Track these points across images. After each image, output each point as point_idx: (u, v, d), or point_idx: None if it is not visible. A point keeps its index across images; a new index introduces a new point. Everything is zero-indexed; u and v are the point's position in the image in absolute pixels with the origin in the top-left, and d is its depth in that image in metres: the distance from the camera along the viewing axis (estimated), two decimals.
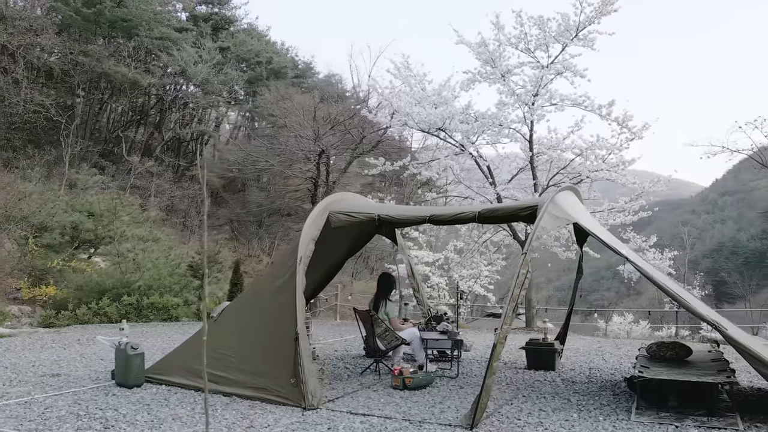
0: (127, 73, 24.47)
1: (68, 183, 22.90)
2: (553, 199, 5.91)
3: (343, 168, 17.29)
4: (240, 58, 28.94)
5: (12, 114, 24.47)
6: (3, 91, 23.87)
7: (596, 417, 5.31)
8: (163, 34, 25.52)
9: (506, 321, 5.22)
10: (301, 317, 6.02)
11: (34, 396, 6.17)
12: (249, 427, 5.09)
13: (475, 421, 5.02)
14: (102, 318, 14.03)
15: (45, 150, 24.77)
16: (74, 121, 24.81)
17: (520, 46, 11.52)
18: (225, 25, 30.25)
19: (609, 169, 11.52)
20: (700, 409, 5.25)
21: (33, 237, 18.02)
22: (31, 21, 24.12)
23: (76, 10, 24.99)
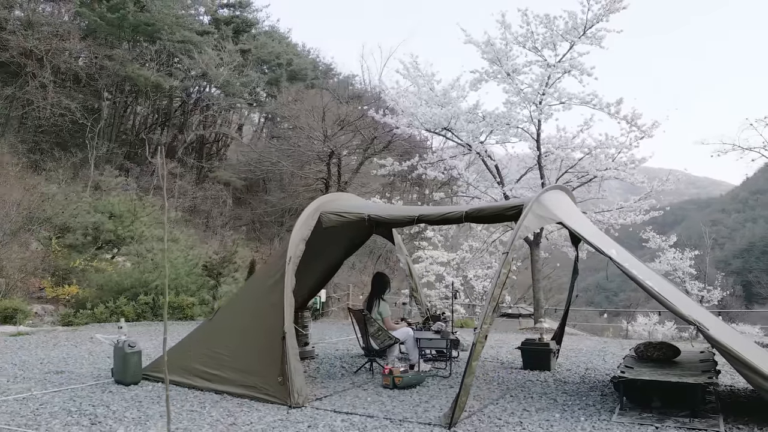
0: (150, 77, 24.91)
1: (93, 185, 23.41)
2: (538, 198, 5.90)
3: (355, 168, 17.39)
4: (261, 61, 29.27)
5: (39, 117, 25.10)
6: (30, 95, 24.51)
7: (578, 417, 5.29)
8: (185, 37, 25.92)
9: (485, 320, 5.22)
10: (289, 316, 6.09)
11: (33, 392, 6.35)
12: (232, 424, 5.18)
13: (453, 420, 5.04)
14: (119, 317, 14.30)
15: (71, 153, 25.35)
16: (99, 124, 25.33)
17: (527, 45, 11.45)
18: (246, 28, 30.61)
19: (617, 168, 11.39)
20: (683, 410, 5.20)
21: (56, 237, 18.48)
22: (57, 26, 24.70)
23: (101, 15, 25.51)
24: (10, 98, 24.75)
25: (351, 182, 16.79)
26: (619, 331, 21.19)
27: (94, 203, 19.86)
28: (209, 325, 7.17)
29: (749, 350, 5.50)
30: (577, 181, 11.77)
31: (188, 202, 26.52)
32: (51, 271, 18.15)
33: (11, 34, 23.72)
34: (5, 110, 24.85)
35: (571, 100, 11.41)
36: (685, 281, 20.80)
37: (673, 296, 5.84)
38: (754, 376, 4.75)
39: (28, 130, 26.10)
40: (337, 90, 20.67)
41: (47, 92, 24.23)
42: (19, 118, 25.71)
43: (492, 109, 11.71)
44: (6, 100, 24.72)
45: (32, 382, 6.95)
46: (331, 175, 15.98)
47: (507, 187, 11.78)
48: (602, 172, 11.29)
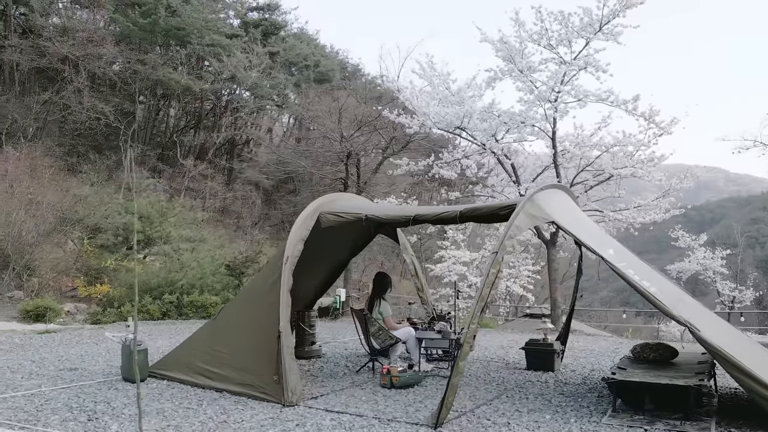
0: (180, 80, 25.38)
1: (126, 186, 23.97)
2: (531, 197, 5.86)
3: (374, 169, 17.44)
4: (289, 63, 29.55)
5: (75, 121, 25.83)
6: (66, 99, 25.25)
7: (568, 419, 5.24)
8: (214, 40, 26.34)
9: (473, 320, 5.21)
10: (285, 315, 6.17)
11: (43, 389, 6.55)
12: (223, 422, 5.28)
13: (440, 420, 5.05)
14: (144, 315, 14.64)
15: (105, 155, 26.01)
16: (132, 127, 25.93)
17: (542, 42, 11.34)
18: (274, 31, 30.93)
19: (634, 166, 11.19)
20: (677, 412, 5.11)
21: (87, 238, 18.99)
22: (92, 32, 25.37)
23: (134, 21, 26.10)
24: (47, 103, 25.53)
25: (370, 182, 16.84)
26: (651, 332, 20.82)
27: (125, 204, 20.33)
28: (213, 324, 7.30)
29: (748, 353, 5.37)
30: (593, 180, 11.60)
31: (218, 203, 26.95)
32: (84, 270, 18.67)
33: (47, 40, 24.46)
34: (43, 114, 25.64)
35: (587, 98, 11.26)
36: (716, 281, 20.40)
37: (671, 296, 5.73)
38: (744, 379, 4.64)
39: (66, 134, 26.87)
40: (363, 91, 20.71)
41: (82, 97, 24.91)
42: (57, 122, 26.48)
43: (506, 108, 11.61)
44: (44, 104, 25.51)
45: (45, 378, 7.17)
46: (349, 175, 16.07)
47: (522, 186, 11.68)
48: (618, 171, 11.09)
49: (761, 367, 5.00)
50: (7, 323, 13.58)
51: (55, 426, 5.11)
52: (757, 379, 4.59)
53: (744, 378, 4.64)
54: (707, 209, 72.36)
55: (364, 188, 15.63)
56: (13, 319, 14.23)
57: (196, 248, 19.01)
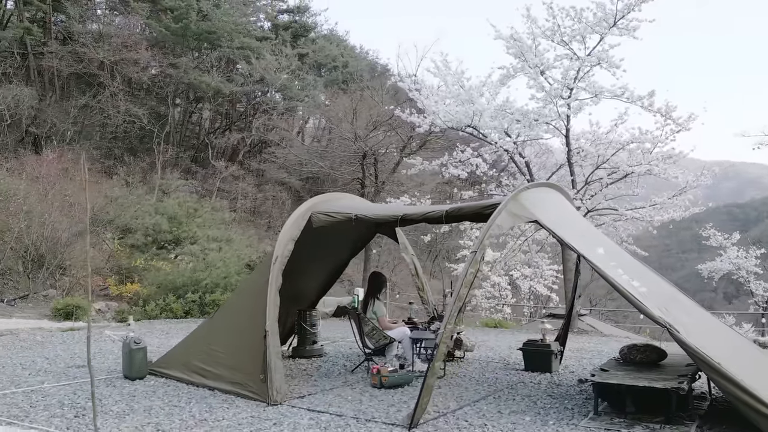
0: (211, 83, 25.81)
1: (161, 188, 24.52)
2: (515, 196, 5.78)
3: (392, 168, 17.43)
4: (318, 64, 29.76)
5: (110, 125, 26.52)
6: (102, 104, 25.94)
7: (547, 421, 5.15)
8: (244, 43, 26.71)
9: (450, 320, 5.16)
10: (273, 315, 6.22)
11: (44, 385, 6.74)
12: (203, 420, 5.35)
13: (414, 421, 5.02)
14: (168, 314, 14.94)
15: (140, 157, 26.64)
16: (164, 130, 26.51)
17: (555, 39, 11.15)
18: (304, 33, 31.20)
19: (649, 163, 10.91)
20: (659, 415, 4.98)
21: (118, 238, 19.49)
22: (126, 38, 26.00)
23: (166, 25, 26.66)
24: (85, 107, 26.26)
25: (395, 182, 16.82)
26: None
27: (156, 205, 20.79)
28: (210, 322, 7.42)
29: (737, 357, 5.21)
30: (608, 178, 11.36)
31: (249, 204, 27.31)
32: (115, 269, 19.17)
33: (83, 46, 25.17)
34: (81, 119, 26.39)
35: (601, 94, 11.03)
36: (750, 281, 19.73)
37: (662, 297, 5.59)
38: (723, 382, 4.49)
39: (103, 138, 27.62)
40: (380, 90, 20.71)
41: (118, 101, 25.55)
42: (94, 125, 27.21)
43: (519, 105, 11.46)
44: (82, 109, 26.26)
45: (51, 375, 7.36)
46: (366, 175, 16.09)
47: None
48: (633, 168, 10.84)
49: (748, 371, 4.84)
50: (37, 321, 14.01)
51: (41, 422, 5.25)
52: (736, 383, 4.44)
53: (723, 381, 4.50)
54: (752, 207, 70.22)
55: (382, 188, 15.65)
56: (45, 317, 14.66)
57: (223, 248, 19.31)
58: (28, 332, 11.94)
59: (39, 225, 16.79)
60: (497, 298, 17.95)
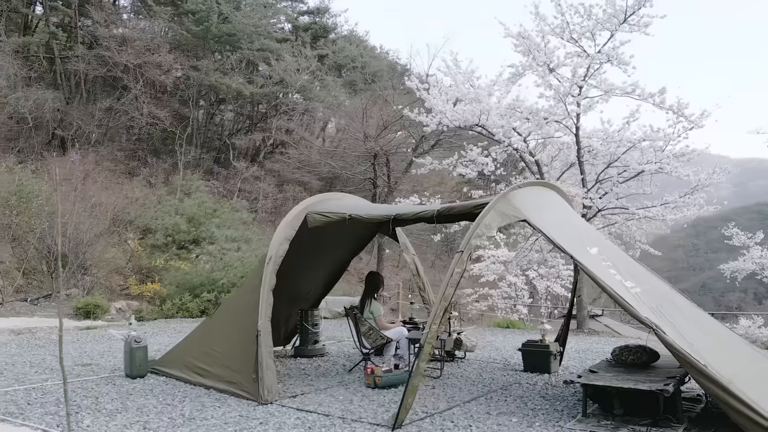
0: (231, 84, 26.05)
1: (183, 189, 24.83)
2: (505, 195, 5.72)
3: (404, 168, 17.38)
4: (337, 65, 29.84)
5: (134, 127, 26.95)
6: (126, 106, 26.36)
7: (533, 422, 5.10)
8: (263, 45, 26.90)
9: (434, 321, 5.14)
10: (265, 314, 6.25)
11: (47, 383, 6.87)
12: (191, 419, 5.39)
13: (398, 421, 5.00)
14: (184, 313, 15.12)
15: (162, 159, 27.02)
16: (186, 131, 26.84)
17: (564, 36, 11.02)
18: (324, 34, 31.29)
19: (660, 161, 10.71)
20: (647, 417, 4.89)
21: (138, 239, 19.80)
22: (148, 41, 26.37)
23: (188, 28, 26.98)
24: (109, 110, 26.70)
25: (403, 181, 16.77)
26: None
27: (176, 206, 21.05)
28: (209, 322, 7.49)
29: (729, 360, 5.09)
30: (618, 177, 11.19)
31: (270, 204, 27.49)
32: (135, 269, 19.47)
33: (107, 50, 25.59)
34: (105, 121, 26.84)
35: (611, 92, 10.87)
36: None
37: (655, 298, 5.49)
38: (707, 383, 4.39)
39: (128, 139, 28.08)
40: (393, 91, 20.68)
41: (141, 103, 25.94)
42: (118, 128, 27.67)
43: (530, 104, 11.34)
44: (106, 111, 26.71)
45: (56, 373, 7.49)
46: (377, 175, 16.07)
47: None
48: (644, 166, 10.65)
49: (740, 374, 4.73)
50: (56, 320, 14.27)
51: (33, 419, 5.34)
52: (721, 385, 4.34)
53: (708, 383, 4.39)
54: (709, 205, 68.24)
55: (395, 188, 15.62)
56: (66, 316, 14.94)
57: (242, 248, 19.47)
58: (45, 331, 12.18)
59: (61, 225, 17.10)
60: (514, 299, 17.81)
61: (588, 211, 11.30)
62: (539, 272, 16.81)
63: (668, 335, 4.65)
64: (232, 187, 27.30)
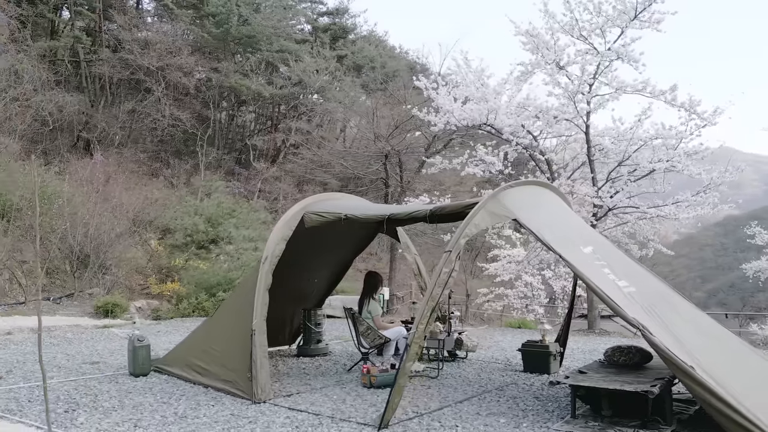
0: (251, 86, 26.28)
1: (204, 190, 25.13)
2: (496, 195, 5.69)
3: (416, 168, 17.33)
4: (356, 65, 29.92)
5: (156, 128, 27.33)
6: (148, 108, 26.76)
7: (520, 423, 5.06)
8: (283, 46, 27.08)
9: (422, 321, 5.12)
10: (261, 314, 6.29)
11: (52, 381, 6.99)
12: (182, 417, 5.46)
13: (384, 421, 5.00)
14: (200, 312, 15.30)
15: (184, 160, 27.37)
16: (207, 133, 27.16)
17: (573, 33, 10.89)
18: (343, 34, 31.38)
19: (671, 159, 10.53)
20: (636, 419, 4.83)
21: (158, 239, 20.08)
22: (170, 44, 26.72)
23: (208, 31, 27.29)
24: (132, 112, 27.13)
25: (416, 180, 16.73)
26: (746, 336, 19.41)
27: (195, 206, 21.32)
28: (209, 321, 7.57)
29: (720, 361, 5.00)
30: (629, 176, 11.03)
31: (290, 204, 27.62)
32: (155, 269, 19.75)
33: (130, 53, 25.99)
34: (128, 123, 27.28)
35: (621, 89, 10.72)
36: None
37: (649, 298, 5.41)
38: (692, 385, 4.31)
39: (151, 141, 28.48)
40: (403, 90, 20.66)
41: (163, 105, 26.31)
42: (141, 130, 28.09)
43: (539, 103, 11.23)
44: (129, 113, 27.14)
45: (64, 371, 7.64)
46: (389, 175, 16.06)
47: (557, 182, 11.29)
48: (655, 164, 10.48)
49: (733, 379, 4.64)
50: (78, 318, 14.53)
51: (30, 417, 5.46)
52: (707, 387, 4.26)
53: (693, 385, 4.32)
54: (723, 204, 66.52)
55: (408, 187, 15.58)
56: (87, 315, 15.20)
57: (259, 247, 19.62)
58: (63, 329, 12.41)
59: (83, 226, 17.41)
60: (530, 298, 17.67)
61: (599, 210, 11.17)
62: (555, 272, 16.67)
63: (655, 336, 4.58)
64: (253, 187, 27.54)
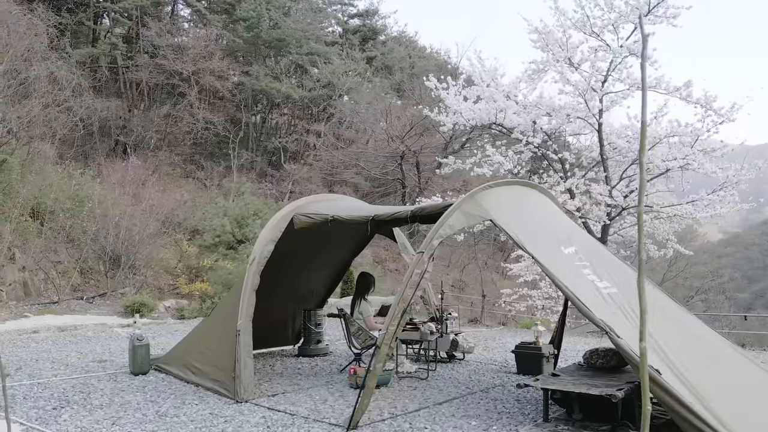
0: (281, 88, 26.59)
1: (235, 192, 25.54)
2: (473, 195, 5.64)
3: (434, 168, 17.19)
4: (385, 66, 29.97)
5: (190, 132, 27.89)
6: (181, 112, 27.33)
7: (490, 425, 5.01)
8: (312, 49, 27.33)
9: (392, 322, 5.12)
10: (246, 314, 6.38)
11: (55, 378, 7.23)
12: (162, 415, 5.57)
13: (353, 422, 5.01)
14: None
15: (218, 162, 27.86)
16: (239, 135, 27.60)
17: (585, 30, 10.67)
18: (373, 36, 31.47)
19: (685, 157, 10.22)
20: (606, 423, 4.73)
21: (187, 239, 20.50)
22: (202, 49, 27.24)
23: (239, 35, 27.72)
24: (167, 116, 27.75)
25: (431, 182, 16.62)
26: None
27: (224, 207, 21.68)
28: (206, 321, 7.70)
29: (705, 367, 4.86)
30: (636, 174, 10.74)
31: None
32: (185, 269, 20.18)
33: (164, 59, 26.61)
34: (163, 127, 27.92)
35: (634, 86, 10.47)
36: None
37: (629, 299, 5.29)
38: (655, 388, 4.20)
39: (185, 144, 29.08)
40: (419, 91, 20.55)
41: (196, 109, 26.86)
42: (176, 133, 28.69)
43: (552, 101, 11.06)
44: (165, 117, 27.76)
45: (70, 369, 7.86)
46: (405, 176, 15.99)
47: (569, 182, 11.10)
48: (668, 163, 10.21)
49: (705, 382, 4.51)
50: (106, 317, 14.95)
51: (19, 413, 5.65)
52: (670, 393, 4.15)
53: (657, 389, 4.20)
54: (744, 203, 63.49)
55: (425, 187, 15.51)
56: (116, 314, 15.63)
57: None
58: (87, 328, 12.77)
59: (115, 227, 17.89)
60: (554, 299, 17.34)
61: (612, 210, 10.95)
62: None
63: (622, 338, 4.48)
64: (284, 188, 27.83)
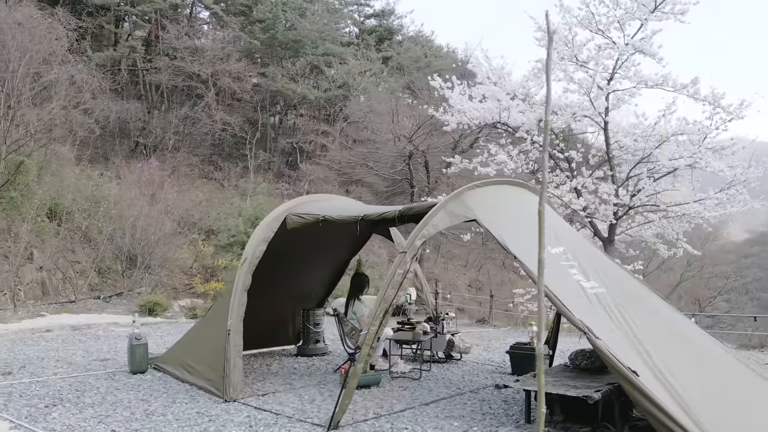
0: (297, 89, 26.70)
1: (252, 192, 25.71)
2: (459, 194, 5.61)
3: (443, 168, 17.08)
4: (400, 65, 29.92)
5: (207, 133, 28.14)
6: (199, 113, 27.58)
7: (471, 426, 4.98)
8: (328, 50, 27.40)
9: (374, 322, 5.11)
10: (237, 314, 6.41)
11: (54, 376, 7.33)
12: (149, 414, 5.63)
13: (333, 422, 5.01)
14: None
15: (234, 163, 28.07)
16: (256, 136, 27.79)
17: (591, 27, 10.53)
18: (389, 36, 31.44)
19: (692, 156, 10.03)
20: (587, 425, 4.67)
21: (202, 239, 20.68)
22: (218, 51, 27.47)
23: (256, 37, 27.90)
24: (185, 118, 28.04)
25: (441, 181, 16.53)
26: None
27: (238, 207, 21.84)
28: (203, 321, 7.76)
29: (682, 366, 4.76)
30: (648, 173, 10.59)
31: None
32: (200, 269, 20.37)
33: (182, 60, 26.88)
34: (181, 128, 28.21)
35: (641, 84, 10.32)
36: None
37: (616, 299, 5.22)
38: (631, 390, 4.15)
39: (203, 145, 29.35)
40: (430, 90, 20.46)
41: (213, 111, 27.08)
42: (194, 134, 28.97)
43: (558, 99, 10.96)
44: (183, 119, 28.05)
45: (72, 367, 7.96)
46: (413, 175, 15.92)
47: (576, 181, 10.97)
48: (675, 162, 10.04)
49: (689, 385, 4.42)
50: (121, 316, 15.13)
51: (11, 411, 5.72)
52: (647, 396, 4.08)
53: (632, 391, 4.16)
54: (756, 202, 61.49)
55: (434, 186, 15.44)
56: (131, 313, 15.82)
57: None
58: (100, 327, 12.95)
59: (131, 227, 18.12)
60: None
61: (619, 209, 10.79)
62: None
63: (600, 339, 4.43)
64: (301, 188, 27.92)
